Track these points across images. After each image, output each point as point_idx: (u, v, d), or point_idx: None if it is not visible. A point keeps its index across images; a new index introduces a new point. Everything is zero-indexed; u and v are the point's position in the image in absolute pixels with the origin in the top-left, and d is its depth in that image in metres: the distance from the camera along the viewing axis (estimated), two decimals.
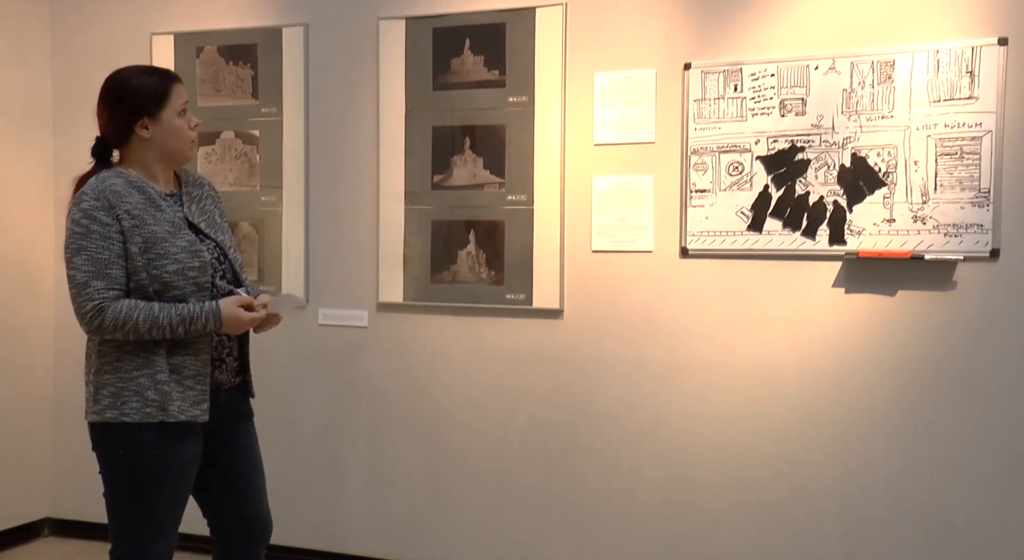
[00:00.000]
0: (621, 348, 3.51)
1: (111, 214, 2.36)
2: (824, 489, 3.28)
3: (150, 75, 2.50)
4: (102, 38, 4.22)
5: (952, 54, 3.07)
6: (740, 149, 3.33)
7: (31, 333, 4.27)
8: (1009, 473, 3.09)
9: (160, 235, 2.41)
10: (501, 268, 3.63)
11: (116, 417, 2.39)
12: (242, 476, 2.65)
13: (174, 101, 2.48)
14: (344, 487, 3.91)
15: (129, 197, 2.39)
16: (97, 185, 2.39)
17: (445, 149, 3.70)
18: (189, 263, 2.43)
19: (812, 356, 3.28)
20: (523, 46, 3.57)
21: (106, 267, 2.35)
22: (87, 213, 2.35)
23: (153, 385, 2.39)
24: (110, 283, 2.36)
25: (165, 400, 2.40)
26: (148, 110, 2.44)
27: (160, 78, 2.50)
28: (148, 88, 2.46)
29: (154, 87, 2.46)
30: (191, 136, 2.53)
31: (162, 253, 2.40)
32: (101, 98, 2.49)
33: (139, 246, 2.38)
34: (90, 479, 2.44)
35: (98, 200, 2.36)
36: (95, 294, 2.34)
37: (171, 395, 2.40)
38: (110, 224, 2.35)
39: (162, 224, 2.42)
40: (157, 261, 2.39)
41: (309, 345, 3.92)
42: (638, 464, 3.50)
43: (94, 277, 2.35)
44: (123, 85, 2.47)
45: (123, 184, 2.40)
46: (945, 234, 3.09)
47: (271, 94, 3.92)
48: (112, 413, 2.40)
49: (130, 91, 2.45)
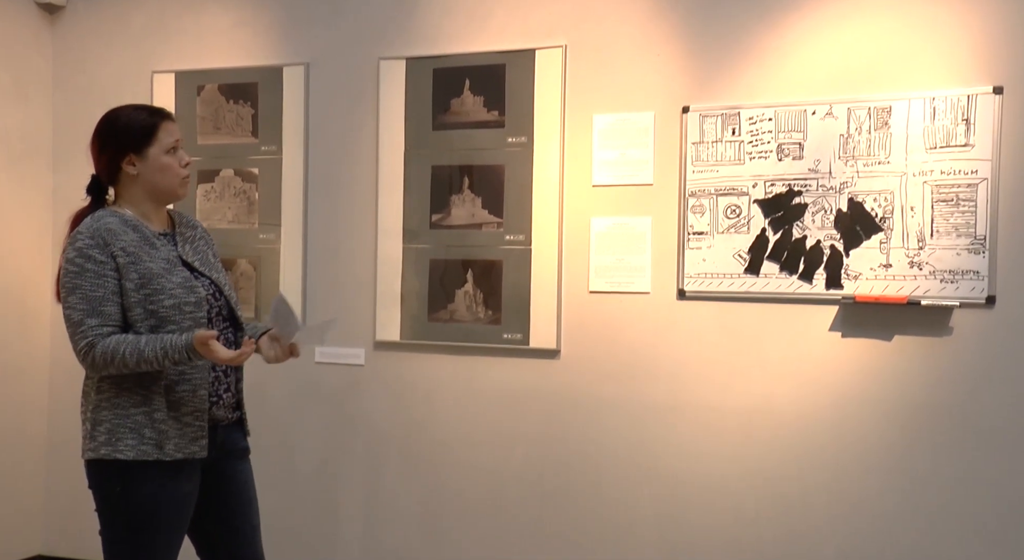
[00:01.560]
0: (618, 389, 3.50)
1: (105, 252, 2.36)
2: (820, 532, 3.27)
3: (140, 112, 2.51)
4: (104, 75, 4.24)
5: (948, 101, 3.10)
6: (738, 192, 3.34)
7: (26, 369, 4.25)
8: (1005, 519, 3.08)
9: (156, 271, 2.41)
10: (498, 307, 3.63)
11: (111, 454, 2.37)
12: (238, 513, 2.64)
13: (162, 138, 2.47)
14: (340, 524, 3.88)
15: (124, 235, 2.40)
16: (92, 224, 2.39)
17: (444, 188, 3.71)
18: (185, 298, 2.43)
19: (808, 399, 3.28)
20: (523, 87, 3.60)
21: (100, 304, 2.35)
22: (81, 252, 2.36)
23: (150, 423, 2.38)
24: (104, 320, 2.35)
25: (162, 438, 2.38)
26: (134, 147, 2.45)
27: (149, 115, 2.50)
28: (135, 124, 2.46)
29: (142, 123, 2.46)
30: (182, 174, 2.52)
31: (158, 288, 2.40)
32: (93, 135, 2.50)
33: (135, 282, 2.38)
34: (83, 516, 2.42)
35: (93, 238, 2.36)
36: (88, 331, 2.34)
37: (168, 433, 2.39)
38: (104, 262, 2.35)
39: (157, 261, 2.42)
40: (154, 296, 2.39)
41: (306, 383, 3.91)
42: (634, 504, 3.49)
43: (88, 315, 2.34)
44: (112, 122, 2.48)
45: (118, 223, 2.41)
46: (941, 280, 3.11)
47: (271, 132, 3.94)
48: (107, 450, 2.38)
49: (118, 128, 2.46)
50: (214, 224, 3.99)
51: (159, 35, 4.15)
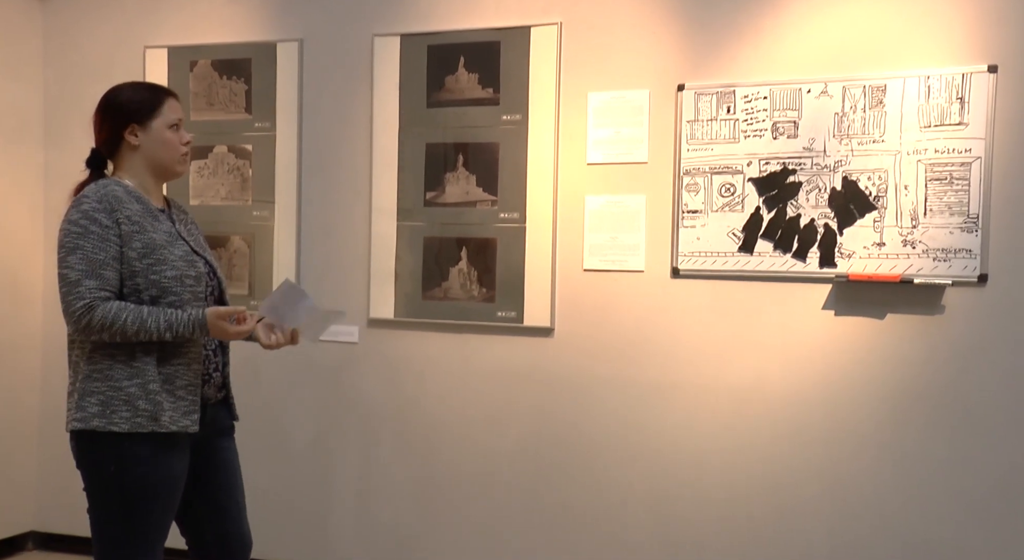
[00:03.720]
0: (611, 367, 3.52)
1: (111, 217, 2.37)
2: (812, 508, 3.29)
3: (145, 86, 2.61)
4: (95, 51, 4.21)
5: (943, 80, 3.10)
6: (732, 170, 3.35)
7: (19, 346, 4.24)
8: (995, 494, 3.11)
9: (159, 242, 2.42)
10: (492, 286, 3.63)
11: (104, 426, 2.36)
12: (224, 490, 2.65)
13: (166, 113, 2.52)
14: (333, 501, 3.90)
15: (129, 204, 2.42)
16: (98, 190, 2.41)
17: (438, 166, 3.71)
18: (187, 271, 2.45)
19: (801, 377, 3.30)
20: (517, 65, 3.59)
21: (100, 267, 2.35)
22: (87, 214, 2.36)
23: (144, 395, 2.37)
24: (103, 283, 2.35)
25: (157, 410, 2.37)
26: (138, 117, 2.48)
27: (155, 90, 2.57)
28: (141, 96, 2.52)
29: (147, 96, 2.52)
30: (182, 150, 2.56)
31: (160, 259, 2.41)
32: (97, 107, 2.53)
33: (138, 251, 2.39)
34: (76, 493, 2.41)
35: (100, 203, 2.37)
36: (86, 292, 2.33)
37: (163, 405, 2.38)
38: (109, 226, 2.36)
39: (160, 233, 2.45)
40: (156, 267, 2.40)
41: (300, 360, 3.91)
42: (627, 481, 3.51)
43: (87, 276, 2.34)
44: (118, 94, 2.53)
45: (123, 192, 2.43)
46: (934, 259, 3.12)
47: (264, 109, 3.92)
48: (99, 422, 2.36)
49: (123, 98, 2.51)
50: (207, 201, 3.99)
51: (151, 10, 4.12)
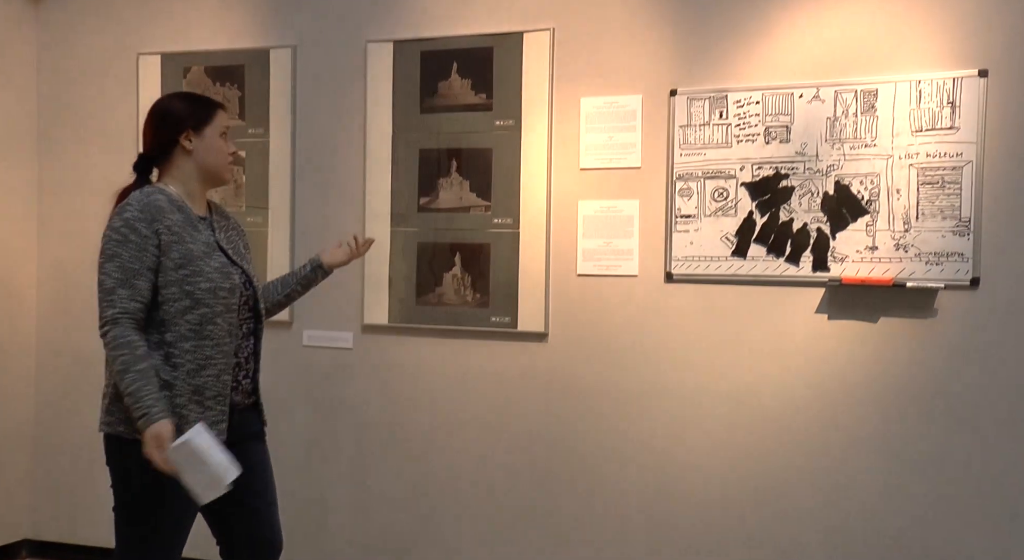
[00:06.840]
0: (605, 372, 3.52)
1: (151, 228, 2.42)
2: (806, 513, 3.30)
3: (197, 96, 2.70)
4: (89, 58, 4.21)
5: (934, 85, 3.12)
6: (725, 175, 3.35)
7: (12, 354, 4.22)
8: (988, 496, 3.11)
9: (196, 253, 2.47)
10: (486, 291, 3.64)
11: (129, 434, 2.41)
12: (255, 493, 2.68)
13: (218, 122, 2.61)
14: (327, 507, 3.89)
15: (171, 214, 2.47)
16: (142, 198, 2.45)
17: (431, 172, 3.71)
18: (221, 283, 2.50)
19: (795, 381, 3.31)
20: (510, 70, 3.60)
21: (134, 277, 2.40)
22: (128, 222, 2.41)
23: (170, 408, 2.41)
24: (134, 293, 2.40)
25: (181, 423, 2.41)
26: (194, 123, 2.56)
27: (207, 100, 2.67)
28: (197, 104, 2.62)
29: (203, 105, 2.62)
30: (230, 158, 2.65)
31: (197, 271, 2.46)
32: (149, 115, 2.61)
33: (175, 261, 2.44)
34: (70, 501, 2.42)
35: (142, 212, 2.42)
36: (118, 302, 2.39)
37: (188, 418, 2.43)
38: (148, 236, 2.41)
39: (198, 244, 2.50)
40: (192, 278, 2.45)
41: (293, 366, 3.91)
42: (621, 485, 3.51)
43: (121, 285, 2.39)
44: (172, 101, 2.63)
45: (166, 201, 2.48)
46: (926, 262, 3.13)
47: (258, 115, 3.93)
48: (125, 428, 2.42)
49: (180, 105, 2.60)
50: None
51: (145, 17, 4.12)
